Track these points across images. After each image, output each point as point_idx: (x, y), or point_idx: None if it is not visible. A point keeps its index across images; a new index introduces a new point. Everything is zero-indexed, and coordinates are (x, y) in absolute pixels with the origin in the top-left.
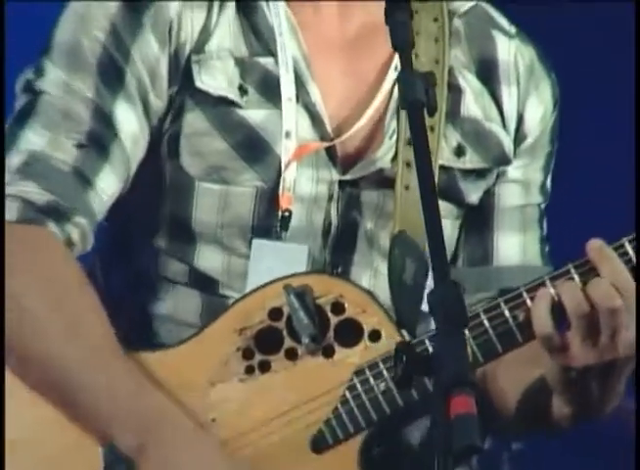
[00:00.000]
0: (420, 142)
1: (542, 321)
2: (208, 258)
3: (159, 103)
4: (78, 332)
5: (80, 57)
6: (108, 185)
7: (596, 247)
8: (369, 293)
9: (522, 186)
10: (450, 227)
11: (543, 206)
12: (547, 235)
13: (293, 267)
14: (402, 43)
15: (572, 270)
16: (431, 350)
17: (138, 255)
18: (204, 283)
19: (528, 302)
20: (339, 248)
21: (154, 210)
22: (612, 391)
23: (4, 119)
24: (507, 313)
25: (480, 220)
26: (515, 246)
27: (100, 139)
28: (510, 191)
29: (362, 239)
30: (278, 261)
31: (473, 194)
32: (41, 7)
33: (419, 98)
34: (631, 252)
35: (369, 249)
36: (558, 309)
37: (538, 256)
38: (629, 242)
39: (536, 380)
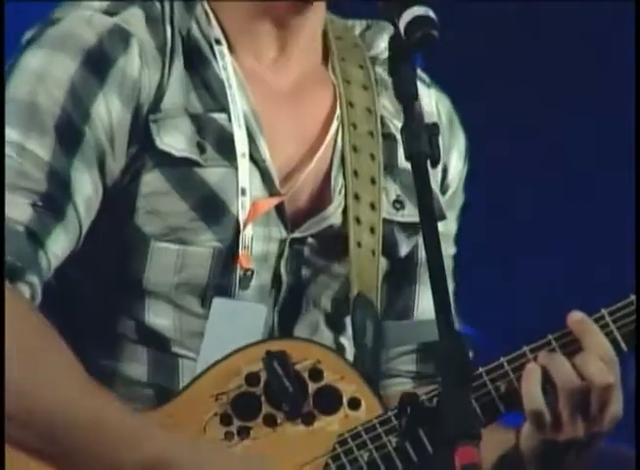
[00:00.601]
0: (424, 194)
1: (533, 397)
2: (159, 316)
3: (116, 164)
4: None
5: (37, 117)
6: (58, 247)
7: (578, 319)
8: (346, 359)
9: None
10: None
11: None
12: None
13: (251, 327)
14: (407, 96)
15: (553, 342)
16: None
17: (84, 308)
18: (154, 340)
19: (510, 373)
20: (285, 306)
21: (103, 264)
22: (586, 461)
23: (4, 119)
24: (489, 385)
25: (403, 273)
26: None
27: (54, 201)
28: None
29: (309, 299)
30: (236, 321)
31: (404, 247)
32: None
33: (423, 150)
34: (612, 324)
35: (312, 308)
36: (547, 383)
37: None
38: (609, 314)
39: (510, 448)
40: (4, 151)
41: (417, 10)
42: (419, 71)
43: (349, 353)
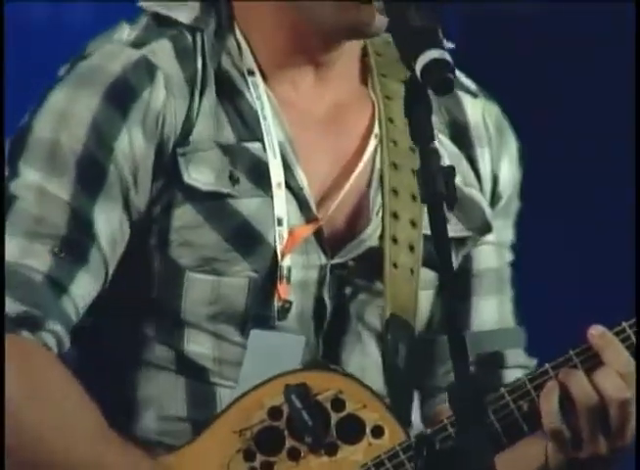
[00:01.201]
0: (441, 235)
1: (552, 416)
2: (198, 345)
3: (141, 198)
4: (77, 435)
5: (58, 158)
6: (84, 290)
7: (598, 333)
8: (368, 387)
9: (496, 248)
10: (431, 297)
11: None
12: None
13: (289, 357)
14: (422, 138)
15: (574, 358)
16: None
17: (120, 340)
18: (192, 370)
19: (532, 392)
20: (331, 333)
21: (139, 296)
22: None
23: (4, 122)
24: (511, 405)
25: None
26: (492, 310)
27: (76, 245)
28: (485, 254)
29: (354, 322)
30: (275, 352)
31: (454, 261)
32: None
33: (440, 191)
34: (633, 337)
35: (359, 330)
36: (566, 401)
37: (511, 316)
38: (630, 327)
39: (541, 465)
40: (4, 154)
41: (433, 53)
42: (466, 80)
43: None
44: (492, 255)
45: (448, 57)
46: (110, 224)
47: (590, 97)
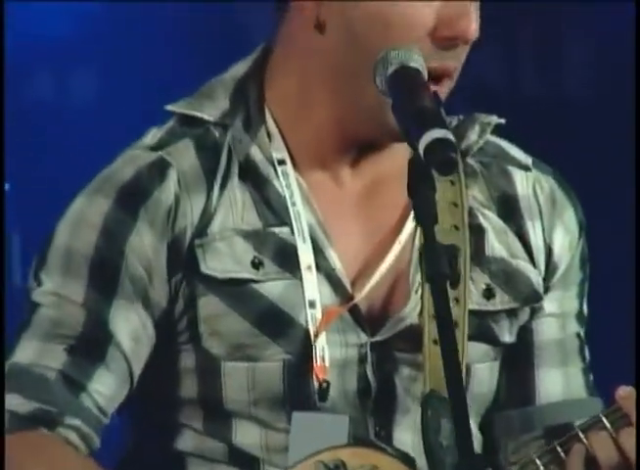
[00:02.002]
0: (444, 315)
1: None
2: (246, 435)
3: (160, 295)
4: None
5: (72, 262)
6: (105, 387)
7: (627, 395)
8: (405, 459)
9: (558, 319)
10: (488, 370)
11: (582, 333)
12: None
13: (334, 438)
14: (426, 218)
15: (604, 420)
16: None
17: (169, 435)
18: (244, 461)
19: (563, 455)
20: (379, 410)
21: (182, 393)
22: None
23: (4, 121)
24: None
25: (518, 359)
26: (557, 382)
27: (92, 343)
28: (547, 326)
29: (402, 397)
30: (319, 433)
31: (506, 333)
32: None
33: (443, 271)
34: None
35: (409, 406)
36: (592, 464)
37: (583, 387)
38: None
39: None
40: (4, 157)
41: (436, 132)
42: (519, 154)
43: None
44: (553, 326)
45: (451, 136)
46: (129, 322)
47: None
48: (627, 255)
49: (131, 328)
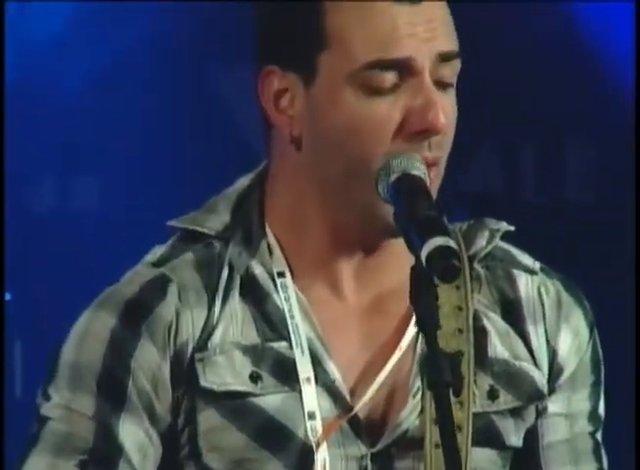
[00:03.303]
0: (446, 423)
1: None
2: None
3: (165, 409)
4: None
5: (80, 376)
6: None
7: None
8: None
9: (566, 419)
10: None
11: (598, 435)
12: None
13: None
14: (428, 326)
15: None
16: None
17: None
18: None
19: None
20: None
21: None
22: None
23: (4, 121)
24: None
25: (526, 462)
26: None
27: (103, 456)
28: (553, 426)
29: None
30: None
31: (512, 435)
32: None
33: (446, 379)
34: None
35: None
36: None
37: None
38: None
39: None
40: (4, 154)
41: (438, 240)
42: (525, 259)
43: None
44: (561, 426)
45: (453, 244)
46: (137, 436)
47: None
48: (629, 363)
49: (139, 442)
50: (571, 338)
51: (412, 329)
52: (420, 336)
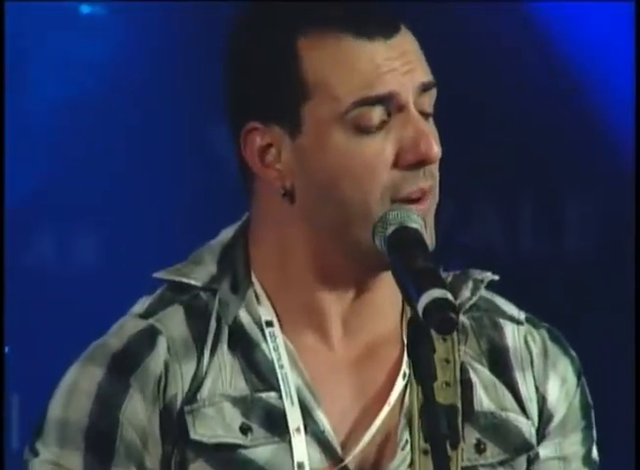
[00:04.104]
0: None
1: None
2: None
3: (154, 461)
4: None
5: (68, 432)
6: None
7: None
8: None
9: (559, 461)
10: None
11: None
12: None
13: None
14: (425, 378)
15: None
16: None
17: None
18: None
19: None
20: None
21: None
22: None
23: (4, 124)
24: None
25: None
26: None
27: None
28: (546, 468)
29: None
30: None
31: None
32: None
33: (443, 432)
34: None
35: None
36: None
37: None
38: None
39: None
40: (4, 155)
41: (435, 293)
42: (512, 310)
43: None
44: (554, 468)
45: (450, 296)
46: None
47: None
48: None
49: None
50: (560, 384)
51: (400, 382)
52: (407, 389)
